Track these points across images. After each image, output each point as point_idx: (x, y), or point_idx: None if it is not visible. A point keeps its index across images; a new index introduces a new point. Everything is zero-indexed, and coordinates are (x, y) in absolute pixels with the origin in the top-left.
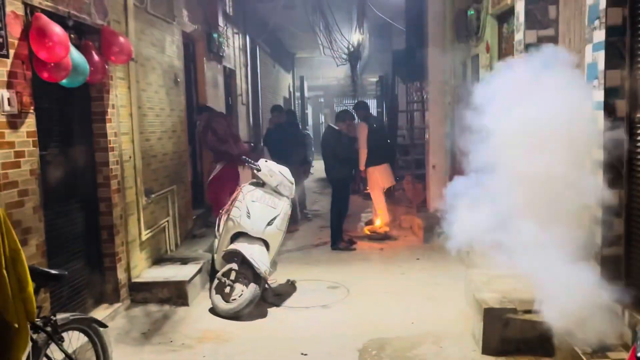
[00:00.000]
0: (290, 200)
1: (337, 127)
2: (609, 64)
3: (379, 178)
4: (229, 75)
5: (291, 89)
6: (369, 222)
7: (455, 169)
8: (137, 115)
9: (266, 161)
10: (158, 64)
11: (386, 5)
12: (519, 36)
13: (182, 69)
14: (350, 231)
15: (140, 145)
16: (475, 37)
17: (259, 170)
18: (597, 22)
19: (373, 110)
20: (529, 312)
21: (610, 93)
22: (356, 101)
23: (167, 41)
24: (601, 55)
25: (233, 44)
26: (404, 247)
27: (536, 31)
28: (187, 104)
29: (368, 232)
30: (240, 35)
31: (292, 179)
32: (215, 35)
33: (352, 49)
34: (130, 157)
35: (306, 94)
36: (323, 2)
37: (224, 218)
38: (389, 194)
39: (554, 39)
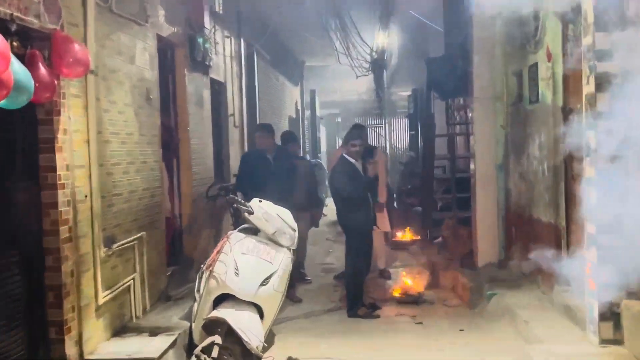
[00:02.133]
0: (291, 252)
1: (351, 158)
2: None
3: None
4: (218, 90)
5: (299, 107)
6: (399, 280)
7: (512, 210)
8: (97, 142)
9: (260, 201)
10: (125, 77)
11: (419, 0)
12: (586, 40)
13: (156, 83)
14: (372, 291)
15: (100, 180)
16: (533, 41)
17: (250, 212)
18: None
19: (404, 133)
20: None
21: None
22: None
23: (137, 48)
24: None
25: (223, 51)
26: (444, 314)
27: (609, 33)
28: (162, 127)
29: (397, 294)
30: (233, 40)
31: (295, 225)
32: (200, 40)
33: (375, 56)
34: (86, 197)
35: (318, 112)
36: None
37: (205, 275)
38: (423, 243)
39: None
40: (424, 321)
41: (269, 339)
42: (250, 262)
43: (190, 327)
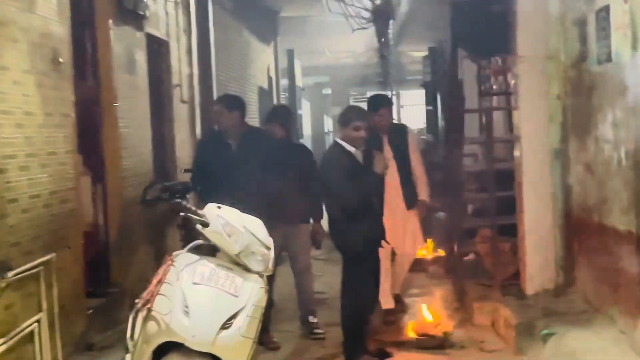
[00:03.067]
0: (264, 279)
1: (346, 145)
2: None
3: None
4: (158, 50)
5: (272, 74)
6: (416, 315)
7: (575, 215)
8: None
9: (219, 207)
10: (21, 32)
11: None
12: None
13: (67, 41)
14: (380, 331)
15: None
16: None
17: (205, 224)
18: None
19: (417, 109)
20: None
21: None
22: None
23: None
24: None
25: None
26: None
27: None
28: (78, 102)
29: (414, 335)
30: None
31: (270, 241)
32: None
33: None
34: None
35: (299, 81)
36: None
37: (140, 314)
38: (448, 262)
39: None
40: None
41: None
42: (205, 296)
43: None
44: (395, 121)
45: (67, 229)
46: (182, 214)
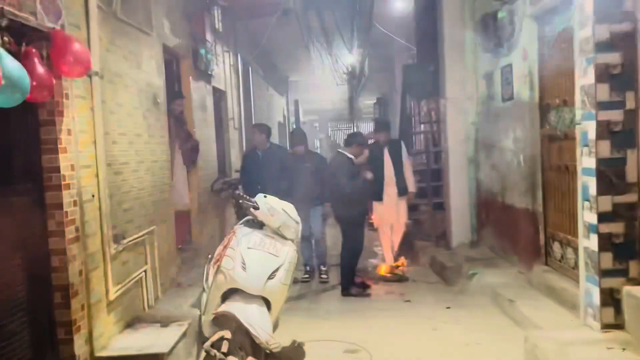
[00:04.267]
0: (295, 245)
1: (349, 154)
2: None
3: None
4: (219, 97)
5: (285, 113)
6: (383, 260)
7: (482, 198)
8: (104, 142)
9: (265, 196)
10: (132, 82)
11: (387, 20)
12: (584, 33)
13: (163, 88)
14: (359, 271)
15: (108, 180)
16: (507, 44)
17: (256, 208)
18: None
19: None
20: None
21: None
22: (375, 121)
23: (144, 55)
24: None
25: (223, 64)
26: (427, 291)
27: (608, 25)
28: (170, 129)
29: (383, 273)
30: (231, 54)
31: (298, 218)
32: (202, 52)
33: (351, 69)
34: (93, 196)
35: (302, 118)
36: (323, 15)
37: (212, 269)
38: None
39: (630, 36)
40: (411, 299)
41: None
42: (257, 256)
43: (200, 317)
44: (392, 138)
45: (163, 210)
46: (240, 201)
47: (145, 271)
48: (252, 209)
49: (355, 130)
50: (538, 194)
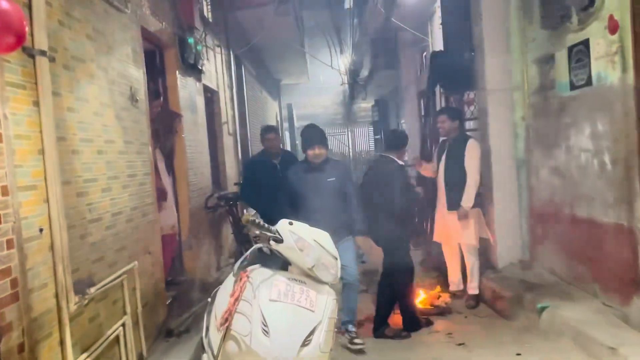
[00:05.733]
0: (335, 291)
1: (396, 159)
2: None
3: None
4: (211, 97)
5: (278, 118)
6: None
7: (538, 209)
8: (56, 152)
9: (291, 223)
10: (101, 70)
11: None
12: None
13: (142, 82)
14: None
15: (67, 204)
16: (581, 15)
17: (279, 240)
18: None
19: (366, 139)
20: None
21: None
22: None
23: (116, 37)
24: None
25: (214, 59)
26: (481, 328)
27: None
28: (152, 133)
29: (421, 305)
30: (223, 50)
31: (336, 252)
32: (191, 41)
33: (348, 69)
34: (41, 230)
35: (296, 123)
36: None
37: (219, 330)
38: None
39: None
40: (463, 340)
41: None
42: (284, 313)
43: None
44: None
45: (148, 237)
46: (257, 232)
47: (123, 324)
48: (272, 242)
49: (344, 136)
50: (636, 205)
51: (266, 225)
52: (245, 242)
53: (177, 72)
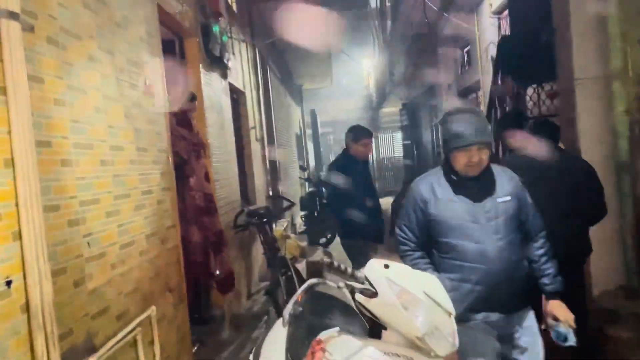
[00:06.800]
0: None
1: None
2: None
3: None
4: (237, 99)
5: (301, 125)
6: None
7: None
8: (34, 163)
9: (387, 265)
10: (104, 53)
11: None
12: None
13: (160, 74)
14: None
15: (52, 238)
16: None
17: (373, 294)
18: None
19: (392, 145)
20: None
21: None
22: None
23: (126, 14)
24: None
25: (240, 55)
26: None
27: None
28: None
29: None
30: (248, 46)
31: (451, 307)
32: (216, 29)
33: (382, 68)
34: (9, 283)
35: (320, 130)
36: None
37: None
38: None
39: None
40: None
41: None
42: None
43: None
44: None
45: (168, 270)
46: (352, 289)
47: None
48: (359, 296)
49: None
50: None
51: (346, 268)
52: (281, 266)
53: (200, 65)
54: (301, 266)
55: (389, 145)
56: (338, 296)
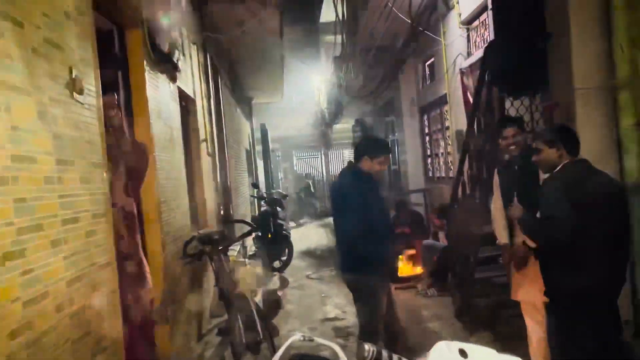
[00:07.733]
0: None
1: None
2: None
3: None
4: (186, 107)
5: (251, 140)
6: None
7: None
8: None
9: (464, 353)
10: (5, 20)
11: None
12: None
13: (92, 65)
14: None
15: None
16: None
17: None
18: None
19: (343, 163)
20: None
21: None
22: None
23: None
24: None
25: (190, 58)
26: None
27: None
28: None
29: None
30: (198, 49)
31: None
32: (166, 20)
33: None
34: None
35: (270, 145)
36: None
37: None
38: None
39: None
40: None
41: None
42: None
43: None
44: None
45: (100, 325)
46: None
47: None
48: None
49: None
50: None
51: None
52: (238, 301)
53: (144, 62)
54: (257, 297)
55: (340, 162)
56: None
